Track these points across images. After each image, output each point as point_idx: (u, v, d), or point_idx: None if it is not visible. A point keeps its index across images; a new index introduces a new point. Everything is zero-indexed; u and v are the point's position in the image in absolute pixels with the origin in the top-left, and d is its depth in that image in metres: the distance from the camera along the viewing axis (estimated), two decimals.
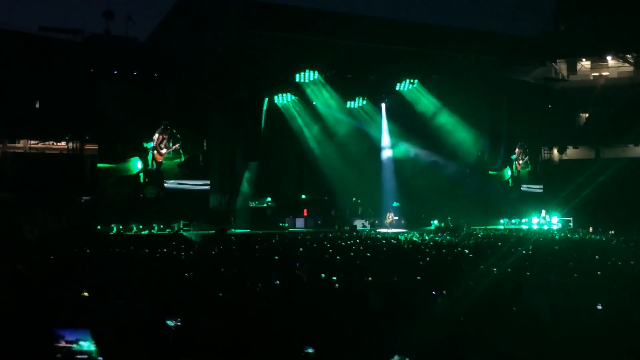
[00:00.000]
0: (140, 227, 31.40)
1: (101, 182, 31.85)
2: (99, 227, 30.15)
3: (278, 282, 9.87)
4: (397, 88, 40.02)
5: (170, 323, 5.67)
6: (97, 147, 32.28)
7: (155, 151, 32.92)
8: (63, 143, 32.23)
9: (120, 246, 18.78)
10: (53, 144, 32.36)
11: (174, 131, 33.36)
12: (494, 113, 43.63)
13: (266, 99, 37.19)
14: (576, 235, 28.73)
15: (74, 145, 32.11)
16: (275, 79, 36.76)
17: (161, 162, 33.12)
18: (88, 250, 17.20)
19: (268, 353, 5.38)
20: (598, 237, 26.24)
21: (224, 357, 5.40)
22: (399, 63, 38.54)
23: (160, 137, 33.08)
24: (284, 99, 38.37)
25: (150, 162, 32.79)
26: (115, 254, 16.38)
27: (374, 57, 37.93)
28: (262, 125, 36.92)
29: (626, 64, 47.72)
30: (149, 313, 5.99)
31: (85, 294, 7.20)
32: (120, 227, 30.82)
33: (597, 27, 44.54)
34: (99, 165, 31.83)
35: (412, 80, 39.90)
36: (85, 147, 32.29)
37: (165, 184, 33.14)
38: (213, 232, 28.96)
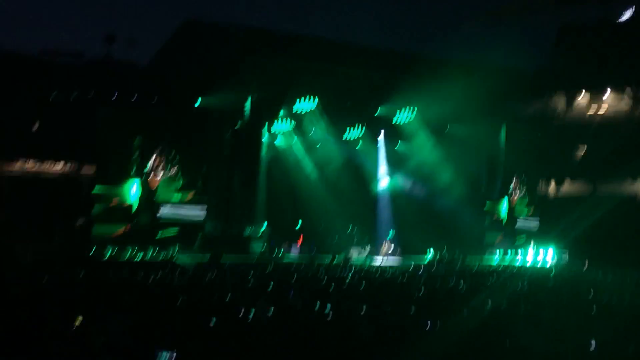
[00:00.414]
0: (134, 251, 31.28)
1: (97, 206, 31.80)
2: (92, 250, 30.02)
3: (271, 311, 9.82)
4: (395, 118, 40.17)
5: (165, 356, 5.62)
6: (94, 171, 32.27)
7: (152, 174, 32.93)
8: (59, 166, 32.22)
9: (113, 271, 18.69)
10: (49, 167, 32.35)
11: (172, 154, 33.35)
12: (491, 145, 43.76)
13: (266, 125, 37.31)
14: (570, 272, 28.62)
15: (71, 167, 32.11)
16: (274, 107, 36.89)
17: (157, 187, 33.11)
18: (81, 275, 17.11)
19: None
20: (593, 273, 26.15)
21: None
22: (398, 93, 38.68)
23: (158, 160, 33.11)
24: (280, 127, 38.46)
25: (144, 186, 32.78)
26: (108, 279, 16.30)
27: (372, 86, 38.10)
28: (263, 152, 37.13)
29: (624, 99, 47.96)
30: (143, 342, 5.95)
31: (80, 318, 7.16)
32: (114, 251, 30.69)
33: (595, 61, 44.85)
34: (95, 188, 31.82)
35: (412, 109, 40.07)
36: (82, 170, 32.29)
37: (161, 209, 33.09)
38: (207, 258, 28.84)
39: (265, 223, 36.45)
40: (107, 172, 32.44)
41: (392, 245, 38.77)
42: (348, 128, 40.15)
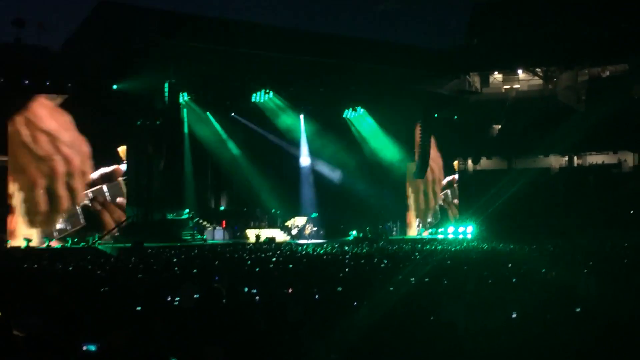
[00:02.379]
0: (52, 240, 30.52)
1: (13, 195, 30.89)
2: (7, 241, 29.15)
3: (197, 295, 9.74)
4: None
5: (91, 348, 5.51)
6: (6, 159, 31.24)
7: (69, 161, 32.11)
8: None
9: (32, 262, 18.18)
10: None
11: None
12: (409, 124, 44.40)
13: (185, 109, 36.88)
14: (489, 245, 29.40)
15: None
16: (194, 90, 36.47)
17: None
18: None
19: None
20: (511, 246, 26.95)
21: None
22: (318, 73, 38.74)
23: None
24: (201, 109, 38.12)
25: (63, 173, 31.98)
26: (26, 270, 15.84)
27: (291, 67, 37.94)
28: (185, 133, 36.78)
29: (536, 78, 49.42)
30: (66, 334, 5.82)
31: None
32: (31, 241, 29.85)
33: (509, 41, 45.98)
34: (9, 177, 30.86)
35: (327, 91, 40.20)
36: None
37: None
38: (129, 245, 28.39)
39: (187, 210, 36.11)
40: (21, 160, 31.50)
41: (316, 226, 39.07)
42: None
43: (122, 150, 34.71)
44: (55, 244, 30.74)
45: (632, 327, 7.07)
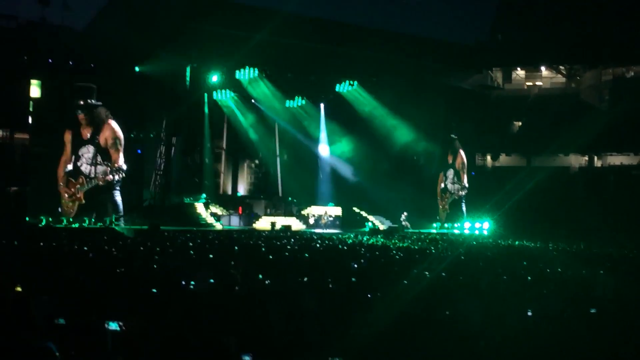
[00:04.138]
0: (71, 220, 30.71)
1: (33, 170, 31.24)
2: (27, 218, 29.35)
3: (212, 280, 9.78)
4: (337, 89, 40.13)
5: (113, 326, 5.53)
6: (27, 137, 31.47)
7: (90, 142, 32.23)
8: None
9: (49, 240, 18.31)
10: None
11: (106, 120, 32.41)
12: (430, 118, 44.17)
13: (206, 95, 36.94)
14: (507, 242, 29.28)
15: (4, 133, 31.20)
16: (215, 75, 36.45)
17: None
18: (16, 243, 16.72)
19: (204, 356, 5.32)
20: (528, 243, 26.82)
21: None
22: (339, 64, 38.68)
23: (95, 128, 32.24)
24: (223, 96, 38.17)
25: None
26: (44, 248, 15.95)
27: (314, 57, 37.99)
28: (206, 121, 36.87)
29: (559, 75, 49.07)
30: (84, 313, 5.86)
31: (19, 288, 6.97)
32: (50, 219, 30.05)
33: (532, 38, 45.71)
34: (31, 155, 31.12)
35: (351, 82, 40.02)
36: (15, 136, 31.43)
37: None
38: (146, 227, 28.49)
39: (204, 195, 36.23)
40: (42, 138, 31.74)
41: (332, 215, 39.07)
42: (291, 97, 40.03)
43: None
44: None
45: None
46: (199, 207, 35.11)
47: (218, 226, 34.03)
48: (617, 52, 44.49)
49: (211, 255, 15.11)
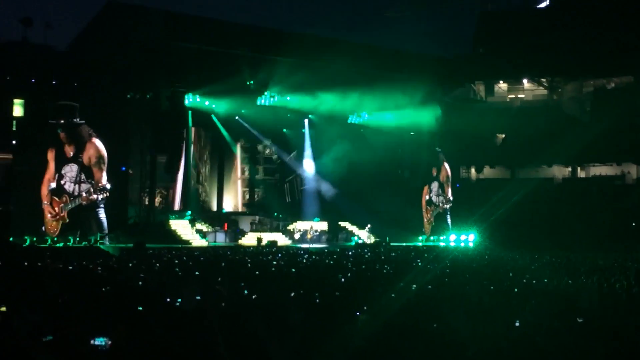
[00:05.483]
0: (55, 239, 30.48)
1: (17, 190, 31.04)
2: (10, 238, 29.09)
3: (198, 297, 9.74)
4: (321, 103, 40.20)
5: (100, 342, 5.50)
6: (10, 156, 31.29)
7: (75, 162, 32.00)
8: None
9: (33, 259, 18.16)
10: None
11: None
12: (415, 132, 44.36)
13: (190, 112, 36.88)
14: (491, 254, 29.32)
15: None
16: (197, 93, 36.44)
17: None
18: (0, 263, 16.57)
19: None
20: (512, 255, 26.88)
21: None
22: (320, 77, 38.58)
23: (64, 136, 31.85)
24: (206, 112, 38.14)
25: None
26: (28, 267, 15.83)
27: (295, 70, 37.84)
28: (190, 136, 36.83)
29: (541, 88, 49.46)
30: (71, 330, 5.82)
31: (3, 308, 6.92)
32: (34, 239, 29.80)
33: (514, 51, 46.05)
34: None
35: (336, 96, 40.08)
36: None
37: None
38: (131, 245, 28.32)
39: (189, 212, 36.08)
40: (25, 157, 31.55)
41: (318, 229, 39.02)
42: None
43: None
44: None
45: (634, 341, 7.06)
46: (184, 224, 34.95)
47: (204, 243, 33.88)
48: (597, 64, 44.93)
49: (197, 272, 15.06)
